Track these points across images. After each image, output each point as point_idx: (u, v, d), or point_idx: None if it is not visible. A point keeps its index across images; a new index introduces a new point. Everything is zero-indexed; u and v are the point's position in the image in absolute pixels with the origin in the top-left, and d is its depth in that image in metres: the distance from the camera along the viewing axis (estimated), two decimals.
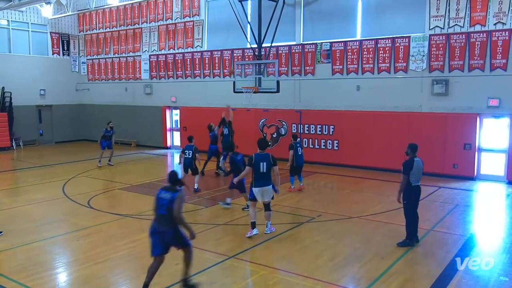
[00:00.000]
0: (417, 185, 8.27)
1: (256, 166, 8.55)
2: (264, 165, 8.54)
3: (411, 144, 8.49)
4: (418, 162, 8.24)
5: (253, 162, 8.55)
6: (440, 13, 14.37)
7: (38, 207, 11.13)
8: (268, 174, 8.62)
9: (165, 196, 6.20)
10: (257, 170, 8.56)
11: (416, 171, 8.17)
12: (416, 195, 8.33)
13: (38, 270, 7.27)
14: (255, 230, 8.66)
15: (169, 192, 6.22)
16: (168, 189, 6.27)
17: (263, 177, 8.59)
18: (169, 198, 6.16)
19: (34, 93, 23.64)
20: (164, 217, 6.20)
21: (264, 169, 8.55)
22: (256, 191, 8.69)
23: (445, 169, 14.33)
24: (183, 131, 21.03)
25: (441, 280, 6.77)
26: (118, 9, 23.06)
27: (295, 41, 17.59)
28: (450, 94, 14.42)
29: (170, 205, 6.11)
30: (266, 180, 8.62)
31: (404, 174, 8.16)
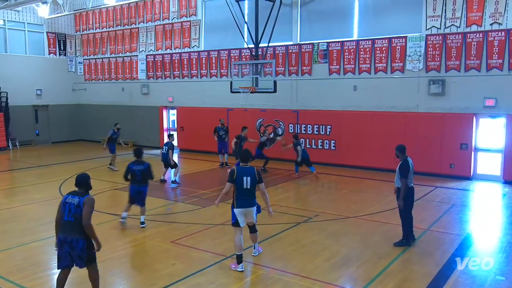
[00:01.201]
0: (412, 186, 8.28)
1: (238, 181, 7.16)
2: (248, 180, 7.14)
3: (399, 146, 8.40)
4: (410, 163, 8.26)
5: (234, 177, 7.17)
6: (436, 13, 14.41)
7: (35, 207, 11.10)
8: (253, 191, 7.25)
9: (73, 201, 5.74)
10: (240, 187, 7.17)
11: (411, 172, 8.18)
12: (411, 196, 8.33)
13: (35, 270, 7.27)
14: (240, 266, 7.15)
15: (77, 196, 5.78)
16: (76, 193, 5.85)
17: (247, 194, 7.20)
18: (76, 203, 5.70)
19: (31, 93, 23.58)
20: (71, 224, 5.72)
21: (248, 185, 7.16)
22: (237, 213, 7.26)
23: (442, 169, 14.38)
24: (180, 131, 21.03)
25: (438, 280, 6.80)
26: (115, 9, 23.03)
27: (292, 41, 17.61)
28: (446, 94, 14.47)
29: (78, 211, 5.66)
30: (250, 199, 7.25)
31: (403, 178, 8.07)
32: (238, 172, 7.18)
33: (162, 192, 12.97)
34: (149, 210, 10.84)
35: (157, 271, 7.15)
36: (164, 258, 7.70)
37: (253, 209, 7.32)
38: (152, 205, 11.32)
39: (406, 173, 8.07)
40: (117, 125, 16.44)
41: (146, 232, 9.17)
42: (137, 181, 9.43)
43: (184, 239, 8.66)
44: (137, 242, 8.52)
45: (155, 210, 10.91)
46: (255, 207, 7.37)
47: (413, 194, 8.39)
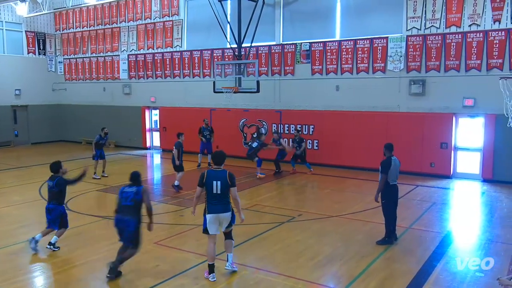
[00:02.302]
0: (395, 184, 8.39)
1: (208, 185, 6.73)
2: (219, 184, 6.70)
3: (386, 144, 8.63)
4: (395, 161, 8.38)
5: (204, 181, 6.74)
6: (417, 14, 14.62)
7: (14, 210, 10.90)
8: (225, 196, 6.78)
9: (130, 190, 6.90)
10: (210, 191, 6.73)
11: (393, 170, 8.29)
12: (395, 194, 8.46)
13: (15, 274, 7.13)
14: (211, 276, 6.79)
15: (133, 187, 6.93)
16: (131, 185, 6.98)
17: (218, 199, 6.74)
18: (134, 191, 6.86)
19: (9, 93, 23.11)
20: (129, 207, 6.83)
21: (219, 190, 6.70)
22: (209, 219, 6.76)
23: (422, 168, 14.60)
24: (163, 132, 20.90)
25: (419, 277, 6.91)
26: (96, 8, 22.75)
27: (275, 41, 17.66)
28: (427, 94, 14.69)
29: (136, 197, 6.81)
30: (223, 204, 6.78)
31: (383, 174, 8.27)
32: (208, 175, 6.75)
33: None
34: None
35: (140, 273, 7.10)
36: (147, 259, 7.65)
37: (226, 214, 6.79)
38: None
39: (386, 170, 8.22)
40: (104, 129, 14.96)
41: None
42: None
43: (168, 240, 8.61)
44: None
45: None
46: (229, 213, 6.84)
47: (397, 192, 8.51)
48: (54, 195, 8.21)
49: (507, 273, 6.86)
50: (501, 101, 11.06)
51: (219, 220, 6.81)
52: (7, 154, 20.53)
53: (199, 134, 16.60)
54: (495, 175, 13.72)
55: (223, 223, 6.87)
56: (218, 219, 6.80)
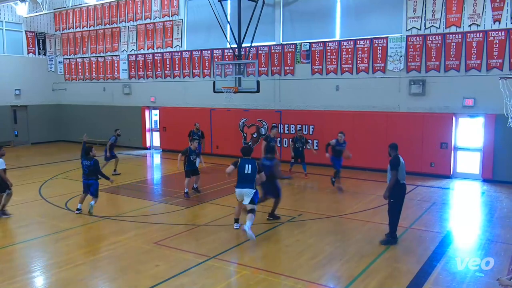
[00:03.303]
0: (404, 183, 8.37)
1: (240, 168, 8.81)
2: (249, 167, 8.77)
3: (390, 144, 8.62)
4: (402, 160, 8.36)
5: (237, 164, 8.87)
6: (417, 14, 14.62)
7: (14, 210, 10.88)
8: (252, 177, 8.74)
9: (268, 163, 9.53)
10: (242, 172, 8.79)
11: (402, 168, 8.28)
12: (404, 193, 8.44)
13: (15, 273, 7.13)
14: (235, 225, 9.22)
15: (269, 160, 9.61)
16: (268, 158, 9.66)
17: (245, 179, 8.74)
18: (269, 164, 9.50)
19: (9, 93, 23.10)
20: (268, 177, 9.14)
21: (249, 171, 8.75)
22: (236, 192, 8.93)
23: (422, 168, 14.59)
24: (163, 132, 20.90)
25: (420, 277, 6.90)
26: (96, 8, 22.74)
27: (275, 41, 17.65)
28: (427, 94, 14.69)
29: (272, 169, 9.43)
30: (247, 183, 8.74)
31: (394, 170, 8.23)
32: (241, 161, 8.86)
33: (144, 193, 12.85)
34: (131, 211, 10.77)
35: (140, 273, 7.09)
36: (147, 259, 7.65)
37: (245, 190, 8.69)
38: (135, 206, 11.24)
39: (397, 166, 8.20)
40: (117, 131, 15.54)
41: (128, 234, 9.09)
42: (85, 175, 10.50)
43: (167, 240, 8.61)
44: (120, 244, 8.43)
45: (137, 211, 10.82)
46: (249, 190, 8.68)
47: (405, 191, 8.47)
48: (92, 172, 10.33)
49: (507, 273, 6.86)
50: (501, 101, 11.06)
51: (242, 193, 8.75)
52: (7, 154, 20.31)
53: (189, 137, 15.74)
54: (495, 175, 13.71)
55: (245, 197, 8.69)
56: (242, 192, 8.76)
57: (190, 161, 12.05)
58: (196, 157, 12.20)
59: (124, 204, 11.53)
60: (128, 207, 11.15)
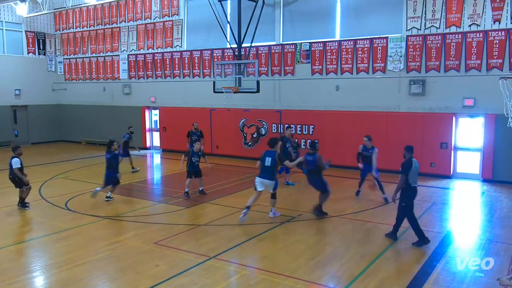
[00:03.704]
0: (415, 186, 8.32)
1: (262, 160, 9.77)
2: (269, 160, 9.59)
3: (406, 146, 8.62)
4: (415, 163, 8.31)
5: (261, 157, 9.87)
6: (417, 14, 14.62)
7: (14, 210, 10.89)
8: (271, 169, 9.68)
9: (310, 158, 10.10)
10: (263, 164, 9.76)
11: (414, 172, 8.24)
12: (413, 196, 8.38)
13: (15, 273, 7.12)
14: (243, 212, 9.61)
15: (311, 155, 10.10)
16: (310, 154, 10.16)
17: (265, 170, 9.70)
18: (312, 158, 10.04)
19: (9, 93, 23.11)
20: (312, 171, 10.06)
21: (269, 163, 9.63)
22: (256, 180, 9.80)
23: (422, 168, 14.35)
24: (163, 132, 20.90)
25: (419, 277, 6.90)
26: (96, 7, 22.74)
27: (275, 41, 17.65)
28: (427, 94, 14.69)
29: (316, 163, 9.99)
30: (268, 174, 9.68)
31: (403, 174, 8.21)
32: (264, 154, 9.80)
33: (144, 193, 12.85)
34: (131, 211, 10.77)
35: (140, 273, 7.09)
36: (147, 259, 7.65)
37: (266, 181, 9.66)
38: (135, 206, 11.25)
39: (407, 170, 8.19)
40: (130, 128, 16.59)
41: (128, 234, 9.10)
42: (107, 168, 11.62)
43: (167, 240, 8.60)
44: (120, 244, 8.44)
45: (137, 211, 10.82)
46: (269, 181, 9.67)
47: (415, 194, 8.43)
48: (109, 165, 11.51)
49: (507, 273, 6.86)
50: (501, 101, 11.07)
51: (264, 184, 9.66)
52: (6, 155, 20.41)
53: (187, 137, 15.74)
54: (495, 175, 13.71)
55: (267, 187, 9.71)
56: (263, 183, 9.67)
57: (192, 162, 12.06)
58: (198, 158, 12.16)
59: (124, 204, 11.52)
60: (128, 207, 11.15)
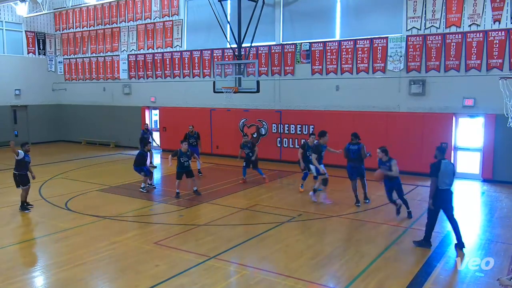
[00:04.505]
0: (446, 189, 8.05)
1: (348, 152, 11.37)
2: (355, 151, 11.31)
3: (438, 146, 8.53)
4: (447, 165, 8.10)
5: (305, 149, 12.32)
6: (417, 14, 14.62)
7: (14, 210, 10.89)
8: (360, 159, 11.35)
9: (354, 147, 11.16)
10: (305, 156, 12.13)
11: (444, 174, 7.99)
12: (439, 199, 8.08)
13: (15, 273, 7.13)
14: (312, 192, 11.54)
15: (355, 145, 11.13)
16: (354, 143, 11.17)
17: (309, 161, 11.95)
18: (356, 148, 11.09)
19: (9, 93, 23.11)
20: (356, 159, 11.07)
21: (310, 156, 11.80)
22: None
23: (422, 168, 14.45)
24: (163, 132, 20.89)
25: (419, 277, 6.90)
26: (96, 8, 22.75)
27: (275, 41, 17.65)
28: (427, 94, 14.69)
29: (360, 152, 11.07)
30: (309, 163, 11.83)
31: (432, 177, 8.02)
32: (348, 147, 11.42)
33: (144, 193, 12.85)
34: (131, 211, 10.78)
35: (140, 273, 7.10)
36: (147, 259, 7.65)
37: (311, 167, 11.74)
38: (135, 206, 11.25)
39: (435, 173, 8.00)
40: (145, 125, 18.18)
41: (128, 234, 9.09)
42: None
43: (167, 240, 8.61)
44: (120, 244, 8.44)
45: (137, 211, 10.83)
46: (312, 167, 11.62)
47: (446, 198, 8.13)
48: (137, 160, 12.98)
49: (507, 273, 6.86)
50: (501, 101, 11.07)
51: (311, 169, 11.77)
52: (7, 154, 20.37)
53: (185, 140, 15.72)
54: (495, 175, 13.71)
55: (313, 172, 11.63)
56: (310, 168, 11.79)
57: (181, 163, 12.01)
58: (187, 159, 12.04)
59: (124, 204, 11.52)
60: (128, 207, 11.15)
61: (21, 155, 10.93)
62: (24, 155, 10.98)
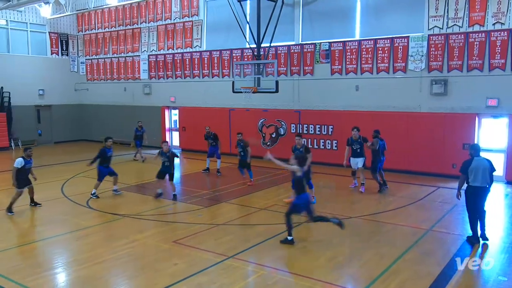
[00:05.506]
0: (476, 185, 8.11)
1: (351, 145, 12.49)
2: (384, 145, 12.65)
3: (472, 144, 8.61)
4: (480, 161, 8.14)
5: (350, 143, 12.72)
6: (439, 13, 14.39)
7: (37, 207, 11.11)
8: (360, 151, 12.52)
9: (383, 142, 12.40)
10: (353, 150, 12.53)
11: (475, 171, 8.07)
12: (470, 195, 8.23)
13: (37, 270, 7.27)
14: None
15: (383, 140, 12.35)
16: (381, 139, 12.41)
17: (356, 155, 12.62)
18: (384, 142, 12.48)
19: (33, 93, 23.64)
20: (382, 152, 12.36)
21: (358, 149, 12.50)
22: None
23: (444, 169, 14.33)
24: (182, 131, 21.04)
25: (440, 280, 6.78)
26: (117, 9, 23.06)
27: (294, 41, 17.60)
28: (449, 94, 14.44)
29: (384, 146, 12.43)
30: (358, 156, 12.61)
31: (461, 173, 8.23)
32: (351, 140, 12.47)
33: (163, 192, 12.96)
34: (150, 209, 10.88)
35: (158, 271, 7.15)
36: (165, 258, 7.71)
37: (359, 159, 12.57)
38: (154, 205, 11.35)
39: (464, 169, 8.16)
40: (139, 122, 18.67)
41: (148, 232, 9.19)
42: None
43: (186, 239, 8.66)
44: (139, 242, 8.53)
45: (156, 210, 10.93)
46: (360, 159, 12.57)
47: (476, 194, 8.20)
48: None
49: None
50: None
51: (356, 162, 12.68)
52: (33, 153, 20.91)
53: (205, 140, 15.87)
54: None
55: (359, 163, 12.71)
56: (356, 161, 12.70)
57: (162, 163, 11.99)
58: (167, 159, 11.90)
59: (144, 202, 11.64)
60: (148, 206, 11.26)
61: (19, 164, 10.46)
62: (24, 163, 10.57)
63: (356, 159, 12.69)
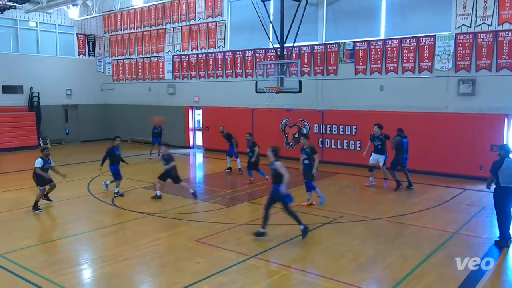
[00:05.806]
0: (507, 186, 7.96)
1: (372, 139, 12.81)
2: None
3: (501, 145, 8.53)
4: (509, 163, 8.00)
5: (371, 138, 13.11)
6: (467, 12, 14.06)
7: (63, 205, 11.36)
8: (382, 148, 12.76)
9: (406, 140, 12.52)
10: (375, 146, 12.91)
11: (505, 172, 7.95)
12: (500, 196, 8.08)
13: (63, 266, 7.43)
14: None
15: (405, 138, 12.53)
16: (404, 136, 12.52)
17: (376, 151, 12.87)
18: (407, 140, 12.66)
19: (61, 93, 24.20)
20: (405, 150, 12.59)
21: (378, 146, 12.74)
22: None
23: (472, 171, 13.99)
24: (206, 131, 21.18)
25: (466, 284, 6.61)
26: (142, 10, 23.37)
27: (318, 40, 17.49)
28: (477, 94, 14.10)
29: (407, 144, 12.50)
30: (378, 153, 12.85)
31: (491, 173, 8.14)
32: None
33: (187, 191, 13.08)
34: (174, 208, 10.98)
35: (181, 270, 7.21)
36: (188, 256, 7.76)
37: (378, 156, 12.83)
38: (177, 204, 11.45)
39: (494, 170, 8.05)
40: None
41: (171, 231, 9.27)
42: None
43: (208, 238, 8.70)
44: (162, 241, 8.61)
45: (180, 208, 11.01)
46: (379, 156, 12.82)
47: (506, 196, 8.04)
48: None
49: None
50: None
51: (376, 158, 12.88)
52: (58, 152, 21.39)
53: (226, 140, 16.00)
54: None
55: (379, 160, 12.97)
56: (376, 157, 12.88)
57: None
58: (164, 162, 11.85)
59: (167, 201, 11.75)
60: (171, 205, 11.37)
61: (39, 164, 10.64)
62: (43, 163, 10.72)
63: (376, 155, 12.97)
